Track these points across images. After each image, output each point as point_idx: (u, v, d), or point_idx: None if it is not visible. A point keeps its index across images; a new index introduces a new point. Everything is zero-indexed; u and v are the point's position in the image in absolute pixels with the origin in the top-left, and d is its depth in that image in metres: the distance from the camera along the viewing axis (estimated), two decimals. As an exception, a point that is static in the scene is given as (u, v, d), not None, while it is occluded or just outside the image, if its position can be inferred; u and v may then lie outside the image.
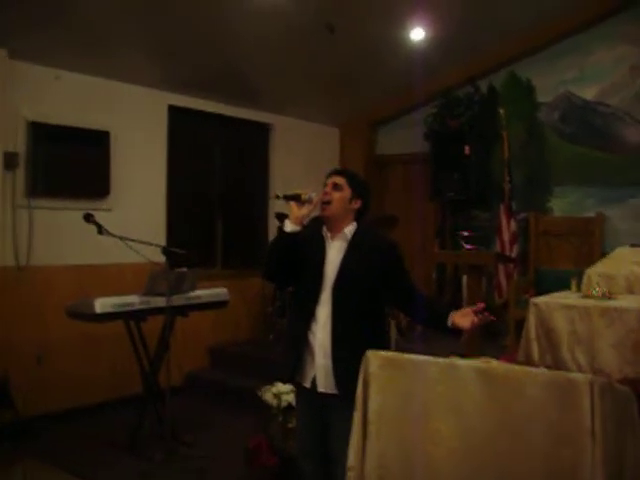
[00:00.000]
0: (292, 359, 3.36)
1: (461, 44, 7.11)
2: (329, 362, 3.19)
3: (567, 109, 7.37)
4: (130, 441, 5.19)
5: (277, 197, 3.42)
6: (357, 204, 3.41)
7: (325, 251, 3.35)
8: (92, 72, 6.10)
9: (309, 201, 3.31)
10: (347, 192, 3.38)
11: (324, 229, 3.41)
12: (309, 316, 3.28)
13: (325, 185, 3.42)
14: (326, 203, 3.34)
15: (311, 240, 3.37)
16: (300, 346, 3.30)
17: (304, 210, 3.30)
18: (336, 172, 3.50)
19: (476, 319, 3.12)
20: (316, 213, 3.41)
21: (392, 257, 3.36)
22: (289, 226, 3.29)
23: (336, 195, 3.35)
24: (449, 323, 3.17)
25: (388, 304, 3.55)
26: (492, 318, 3.17)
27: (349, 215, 3.40)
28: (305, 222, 3.34)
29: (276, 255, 3.38)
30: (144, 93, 6.62)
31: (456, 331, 3.18)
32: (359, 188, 3.43)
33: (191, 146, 7.37)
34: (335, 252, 3.34)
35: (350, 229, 3.38)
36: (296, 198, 3.32)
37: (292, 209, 3.32)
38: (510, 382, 2.30)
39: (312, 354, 3.25)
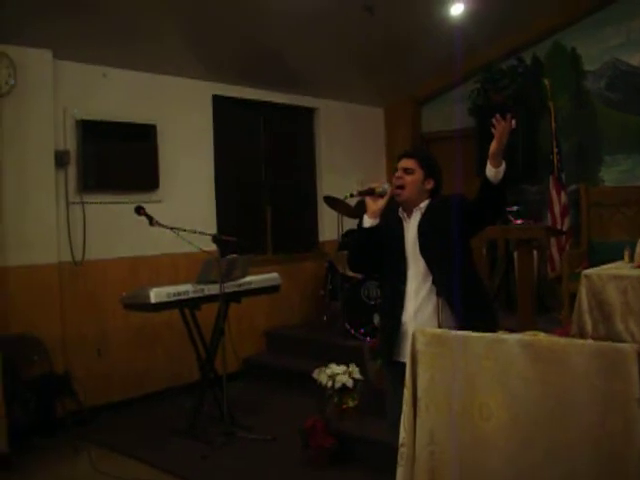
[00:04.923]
0: (387, 338, 3.43)
1: (502, 16, 7.00)
2: None
3: (614, 76, 7.21)
4: (189, 426, 5.31)
5: (351, 195, 3.48)
6: (430, 184, 3.45)
7: (404, 231, 3.42)
8: (136, 67, 6.20)
9: (384, 193, 3.36)
10: (419, 174, 3.41)
11: (400, 210, 3.46)
12: (398, 294, 3.36)
13: (396, 170, 3.45)
14: (399, 188, 3.38)
15: (389, 224, 3.44)
16: (393, 325, 3.37)
17: (380, 203, 3.38)
18: (406, 155, 3.50)
19: (497, 133, 3.11)
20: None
21: (462, 203, 3.37)
22: (367, 221, 3.39)
23: (408, 179, 3.39)
24: (487, 168, 3.18)
25: (487, 224, 3.51)
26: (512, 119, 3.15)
27: (424, 196, 3.44)
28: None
29: (360, 251, 3.50)
30: (188, 84, 6.70)
31: (499, 162, 3.16)
32: (430, 168, 3.46)
33: (237, 134, 7.43)
34: (413, 228, 3.40)
35: (425, 203, 3.43)
36: (370, 192, 3.39)
37: (368, 204, 3.40)
38: (556, 354, 2.30)
39: (406, 329, 3.27)
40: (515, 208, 7.02)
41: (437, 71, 8.12)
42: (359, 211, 6.93)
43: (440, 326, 3.15)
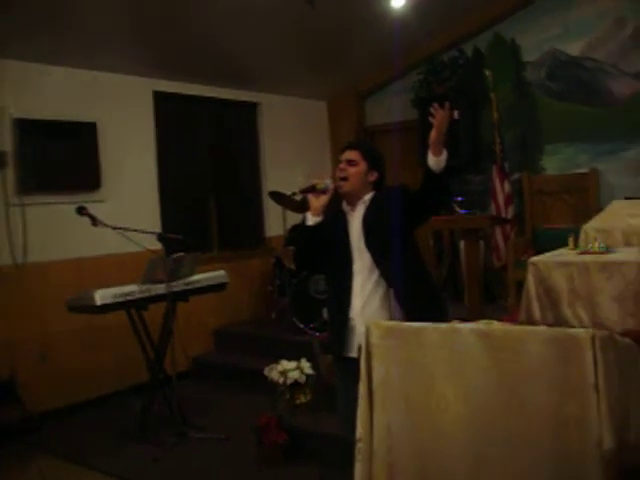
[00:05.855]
0: (335, 334, 3.40)
1: (443, 8, 7.04)
2: None
3: (553, 66, 7.32)
4: (140, 429, 5.22)
5: (294, 194, 3.46)
6: (373, 176, 3.44)
7: (348, 225, 3.39)
8: (74, 64, 6.05)
9: (326, 189, 3.33)
10: (362, 166, 3.39)
11: (344, 204, 3.44)
12: (345, 289, 3.32)
13: (340, 161, 3.43)
14: (343, 179, 3.36)
15: (333, 219, 3.41)
16: (341, 321, 3.34)
17: (323, 199, 3.35)
18: (349, 147, 3.48)
19: (435, 122, 3.13)
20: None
21: (405, 194, 3.35)
22: (311, 219, 3.35)
23: (352, 170, 3.37)
24: (428, 158, 3.19)
25: (431, 214, 3.53)
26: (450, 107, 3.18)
27: (367, 188, 3.42)
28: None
29: (305, 249, 3.44)
30: (128, 81, 6.58)
31: (439, 151, 3.19)
32: (374, 160, 3.45)
33: (180, 131, 7.33)
34: (357, 221, 3.38)
35: (369, 196, 3.41)
36: (312, 189, 3.35)
37: (310, 201, 3.37)
38: (511, 342, 2.30)
39: (354, 325, 3.28)
40: (460, 199, 7.08)
41: (380, 64, 8.13)
42: (304, 206, 6.91)
43: (391, 319, 3.15)
